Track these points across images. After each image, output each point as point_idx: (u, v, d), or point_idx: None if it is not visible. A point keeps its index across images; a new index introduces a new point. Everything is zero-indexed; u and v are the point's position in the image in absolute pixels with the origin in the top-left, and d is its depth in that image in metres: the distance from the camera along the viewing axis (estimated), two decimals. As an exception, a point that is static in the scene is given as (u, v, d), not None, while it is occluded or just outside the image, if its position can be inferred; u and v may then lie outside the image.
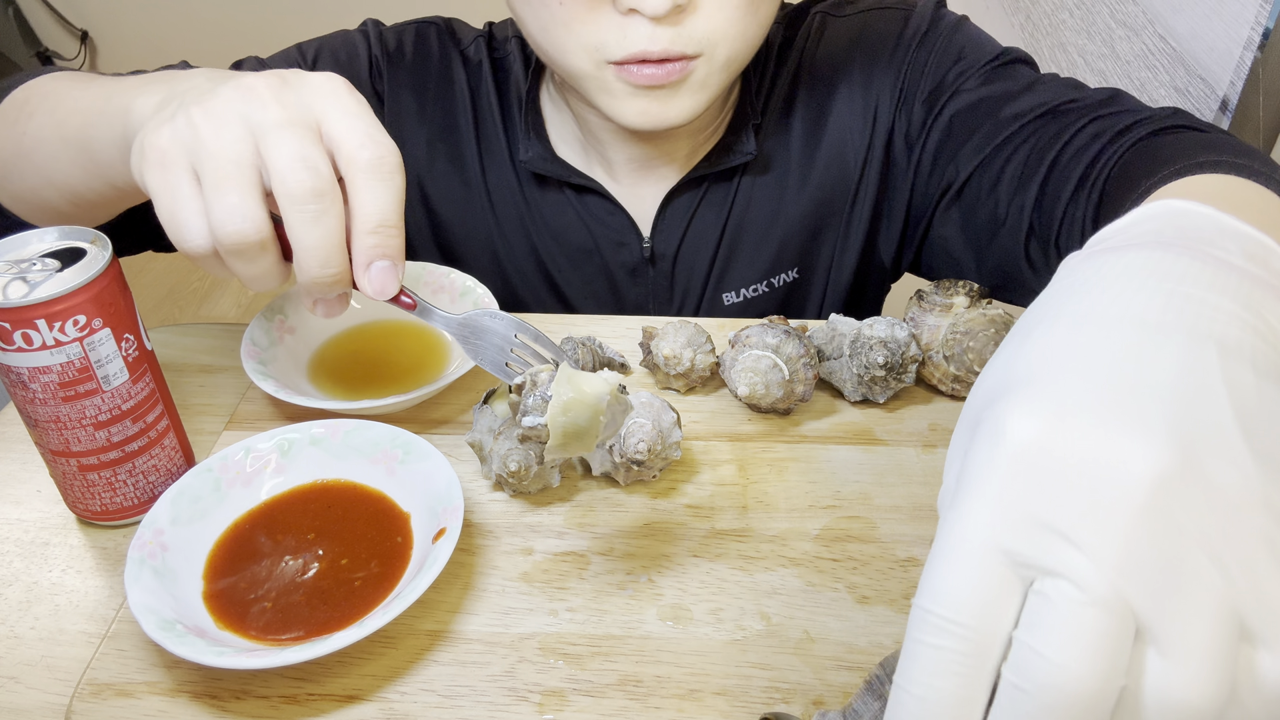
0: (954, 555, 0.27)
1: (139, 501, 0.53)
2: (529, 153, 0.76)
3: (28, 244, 0.50)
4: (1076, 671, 0.24)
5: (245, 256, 0.44)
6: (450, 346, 0.65)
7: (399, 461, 0.53)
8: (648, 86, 0.63)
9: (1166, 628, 0.25)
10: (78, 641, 0.48)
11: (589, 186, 0.76)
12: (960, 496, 0.27)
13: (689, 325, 0.61)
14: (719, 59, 0.63)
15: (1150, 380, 0.27)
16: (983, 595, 0.26)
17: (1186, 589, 0.25)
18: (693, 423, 0.60)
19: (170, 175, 0.43)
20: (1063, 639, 0.25)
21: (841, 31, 0.78)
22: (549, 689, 0.45)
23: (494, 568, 0.51)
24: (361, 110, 0.46)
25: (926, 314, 0.60)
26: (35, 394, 0.48)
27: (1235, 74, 0.68)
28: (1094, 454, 0.26)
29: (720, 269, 0.79)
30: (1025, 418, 0.27)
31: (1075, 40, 1.02)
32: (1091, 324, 0.29)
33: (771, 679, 0.45)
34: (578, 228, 0.78)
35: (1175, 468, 0.25)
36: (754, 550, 0.52)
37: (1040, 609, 0.25)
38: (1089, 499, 0.25)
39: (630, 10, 0.60)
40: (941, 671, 0.26)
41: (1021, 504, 0.26)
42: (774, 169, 0.77)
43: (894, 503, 0.54)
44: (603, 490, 0.55)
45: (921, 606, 0.27)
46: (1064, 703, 0.25)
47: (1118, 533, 0.25)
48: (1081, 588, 0.25)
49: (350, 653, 0.46)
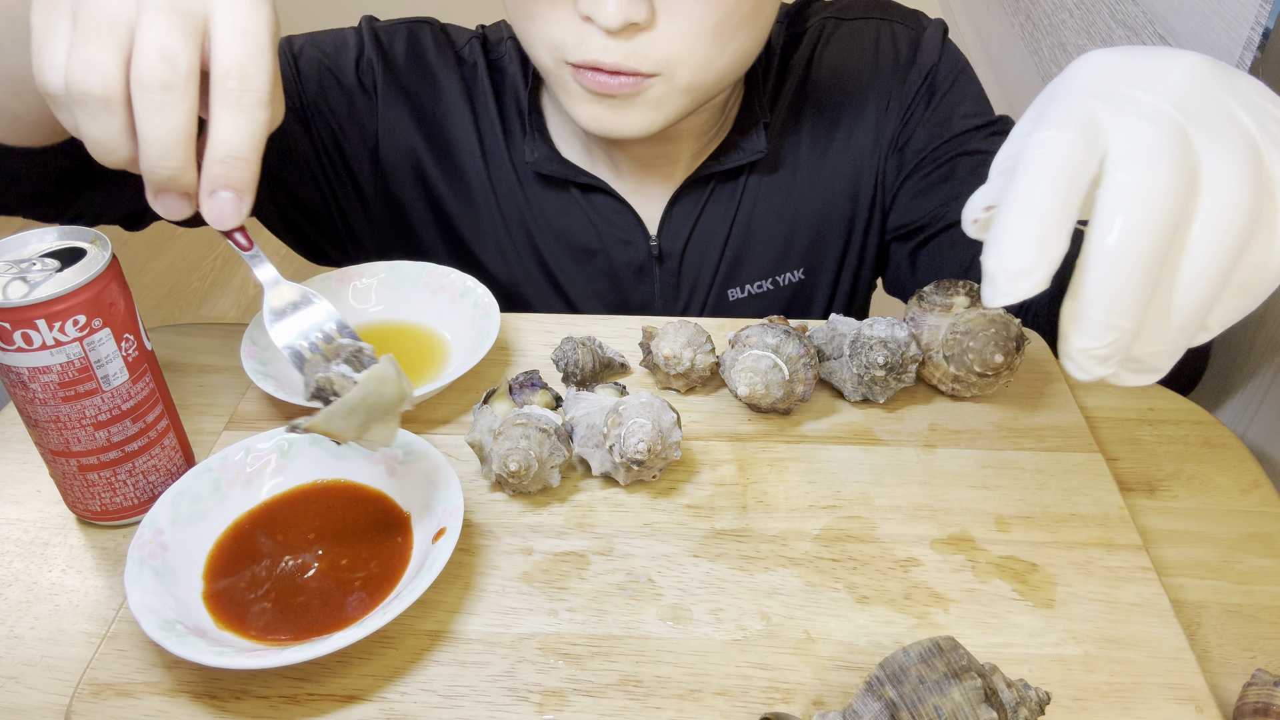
0: (1061, 101, 0.37)
1: (139, 502, 0.53)
2: (535, 154, 0.75)
3: (28, 244, 0.50)
4: (1155, 179, 0.34)
5: (89, 110, 0.43)
6: (450, 346, 0.65)
7: (399, 461, 0.53)
8: (599, 94, 0.63)
9: (1212, 148, 0.35)
10: (78, 641, 0.48)
11: (596, 185, 0.76)
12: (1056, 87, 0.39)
13: (689, 325, 0.61)
14: (679, 82, 0.63)
15: (1183, 55, 0.38)
16: (1082, 123, 0.35)
17: (1226, 124, 0.35)
18: (693, 423, 0.60)
19: (51, 14, 0.43)
20: (1144, 154, 0.34)
21: (851, 39, 0.78)
22: (549, 689, 0.45)
23: (494, 568, 0.51)
24: (253, 29, 0.44)
25: (926, 314, 0.60)
26: (35, 394, 0.48)
27: (1235, 74, 0.68)
28: (1153, 59, 0.38)
29: (728, 267, 0.79)
30: (1097, 54, 0.39)
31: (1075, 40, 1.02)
32: None
33: (771, 679, 0.45)
34: (583, 227, 0.78)
35: (1211, 64, 0.37)
36: (754, 550, 0.52)
37: (1122, 142, 0.35)
38: (1153, 73, 0.37)
39: (587, 18, 0.60)
40: (1050, 172, 0.35)
41: (1106, 75, 0.37)
42: (783, 167, 0.77)
43: (894, 503, 0.54)
44: (603, 490, 0.55)
45: (1037, 136, 0.35)
46: (1146, 200, 0.34)
47: (1176, 82, 0.36)
48: (1149, 118, 0.35)
49: (350, 653, 0.46)
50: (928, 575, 0.50)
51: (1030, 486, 0.55)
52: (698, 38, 0.61)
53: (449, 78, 0.78)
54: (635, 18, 0.58)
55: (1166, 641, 0.47)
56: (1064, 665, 0.46)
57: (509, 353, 0.66)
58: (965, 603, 0.49)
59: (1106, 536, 0.52)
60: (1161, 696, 0.45)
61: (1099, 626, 0.48)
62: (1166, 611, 0.48)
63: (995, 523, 0.53)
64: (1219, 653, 0.48)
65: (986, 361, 0.58)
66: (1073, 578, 0.50)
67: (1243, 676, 0.47)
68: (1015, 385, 0.63)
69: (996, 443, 0.58)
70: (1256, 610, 0.50)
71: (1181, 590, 0.51)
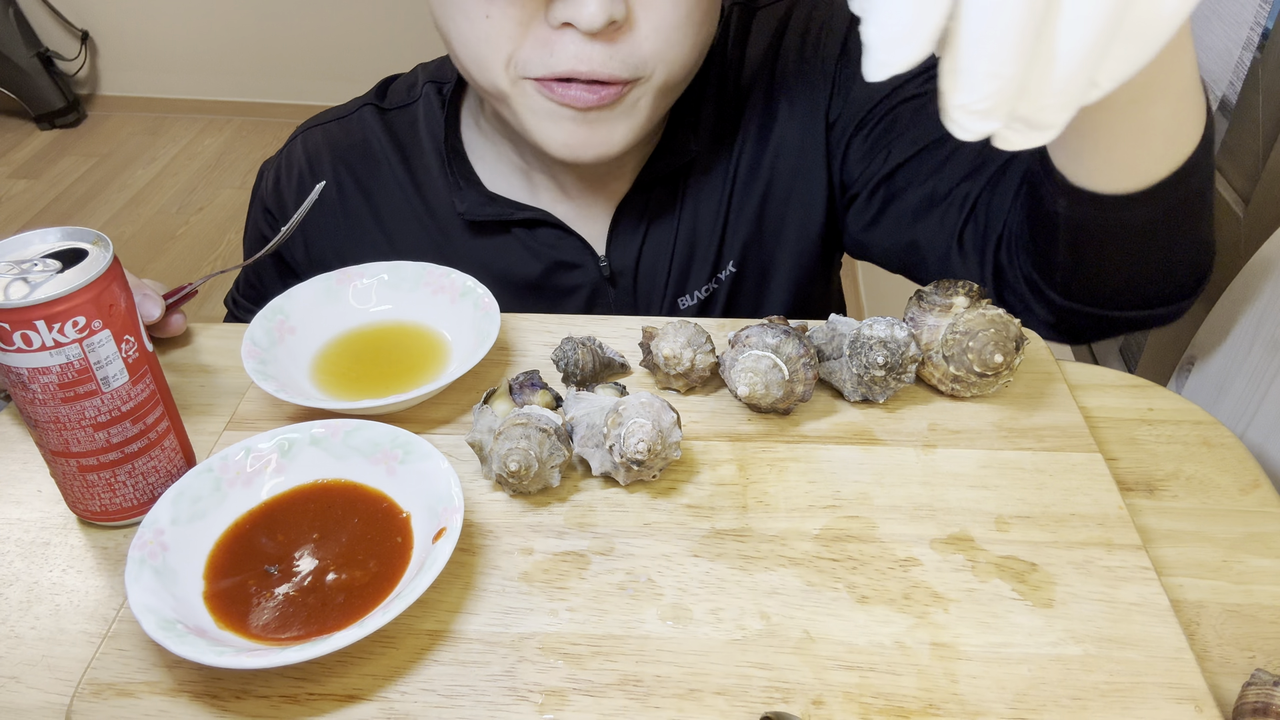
0: None
1: (139, 503, 0.53)
2: (464, 203, 0.74)
3: (29, 244, 0.50)
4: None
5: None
6: (450, 346, 0.65)
7: (399, 461, 0.53)
8: (575, 108, 0.60)
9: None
10: (78, 641, 0.48)
11: (538, 219, 0.74)
12: None
13: (689, 325, 0.61)
14: (655, 83, 0.61)
15: None
16: None
17: None
18: (693, 423, 0.60)
19: None
20: None
21: (765, 27, 0.76)
22: (549, 689, 0.45)
23: (494, 568, 0.51)
24: None
25: (926, 314, 0.60)
26: (35, 394, 0.48)
27: (1235, 74, 0.68)
28: None
29: (678, 275, 0.77)
30: None
31: (1075, 40, 1.01)
32: None
33: (771, 679, 0.45)
34: (525, 263, 0.76)
35: None
36: (754, 550, 0.52)
37: None
38: None
39: (564, 25, 0.57)
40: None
41: None
42: (719, 164, 0.75)
43: (894, 503, 0.54)
44: (603, 490, 0.55)
45: None
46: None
47: None
48: None
49: (350, 652, 0.46)
50: (927, 575, 0.50)
51: (1030, 486, 0.56)
52: (673, 29, 0.59)
53: (343, 172, 0.78)
54: (616, 15, 0.57)
55: (1166, 641, 0.47)
56: (1063, 665, 0.46)
57: (509, 353, 0.66)
58: (965, 602, 0.49)
59: (1106, 536, 0.52)
60: (1161, 696, 0.45)
61: (1098, 626, 0.48)
62: (1166, 611, 0.48)
63: (995, 522, 0.53)
64: (1218, 652, 0.48)
65: (986, 361, 0.58)
66: (1072, 577, 0.50)
67: (1242, 676, 0.47)
68: (1015, 385, 0.63)
69: (996, 443, 0.58)
70: (1256, 610, 0.50)
71: (1181, 590, 0.51)
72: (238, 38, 3.27)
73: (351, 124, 0.79)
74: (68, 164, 3.13)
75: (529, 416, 0.54)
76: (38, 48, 3.19)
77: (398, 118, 0.78)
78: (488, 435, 0.54)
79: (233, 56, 3.31)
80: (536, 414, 0.54)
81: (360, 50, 3.22)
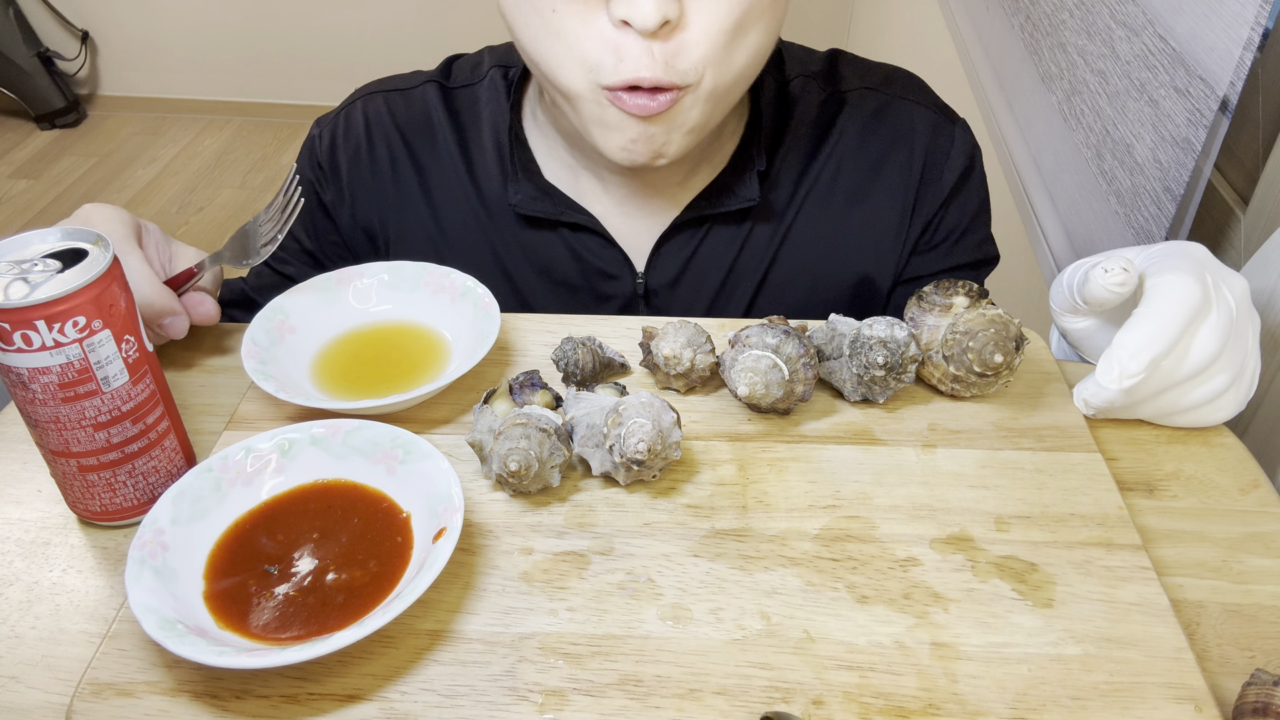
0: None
1: (139, 503, 0.53)
2: (518, 195, 0.74)
3: (30, 244, 0.50)
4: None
5: None
6: (450, 346, 0.65)
7: (399, 461, 0.53)
8: (640, 116, 0.61)
9: None
10: (78, 641, 0.49)
11: (585, 225, 0.74)
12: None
13: (689, 325, 0.61)
14: (704, 89, 0.62)
15: None
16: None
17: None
18: (693, 423, 0.60)
19: None
20: None
21: (873, 112, 0.77)
22: (549, 689, 0.45)
23: (494, 568, 0.51)
24: None
25: (926, 314, 0.60)
26: (35, 394, 0.48)
27: (1235, 74, 0.68)
28: None
29: (711, 307, 0.78)
30: None
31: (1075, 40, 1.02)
32: None
33: (771, 679, 0.45)
34: (567, 262, 0.76)
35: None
36: (754, 550, 0.52)
37: None
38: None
39: (622, 22, 0.58)
40: None
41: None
42: (779, 218, 0.76)
43: (893, 503, 0.55)
44: (603, 490, 0.55)
45: None
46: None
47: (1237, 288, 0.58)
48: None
49: (350, 652, 0.46)
50: (927, 575, 0.50)
51: (1030, 486, 0.56)
52: (723, 33, 0.60)
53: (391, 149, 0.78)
54: (670, 13, 0.57)
55: (1166, 641, 0.47)
56: (1063, 665, 0.46)
57: (509, 353, 0.66)
58: (964, 602, 0.49)
59: (1106, 536, 0.52)
60: (1161, 696, 0.45)
61: (1098, 626, 0.48)
62: (1166, 611, 0.48)
63: (995, 522, 0.53)
64: (1218, 652, 0.48)
65: (986, 361, 0.58)
66: (1072, 577, 0.50)
67: (1242, 676, 0.47)
68: (1015, 385, 0.63)
69: (996, 442, 0.58)
70: (1255, 610, 0.50)
71: (1181, 590, 0.51)
72: (238, 38, 3.27)
73: (414, 97, 0.79)
74: (68, 164, 3.13)
75: (529, 416, 0.54)
76: (38, 48, 3.19)
77: (461, 96, 0.79)
78: (488, 435, 0.54)
79: (233, 56, 3.31)
80: (536, 414, 0.54)
81: (360, 50, 3.22)
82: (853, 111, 0.77)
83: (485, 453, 0.54)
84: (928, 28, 1.96)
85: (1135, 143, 0.85)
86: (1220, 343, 0.56)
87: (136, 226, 0.63)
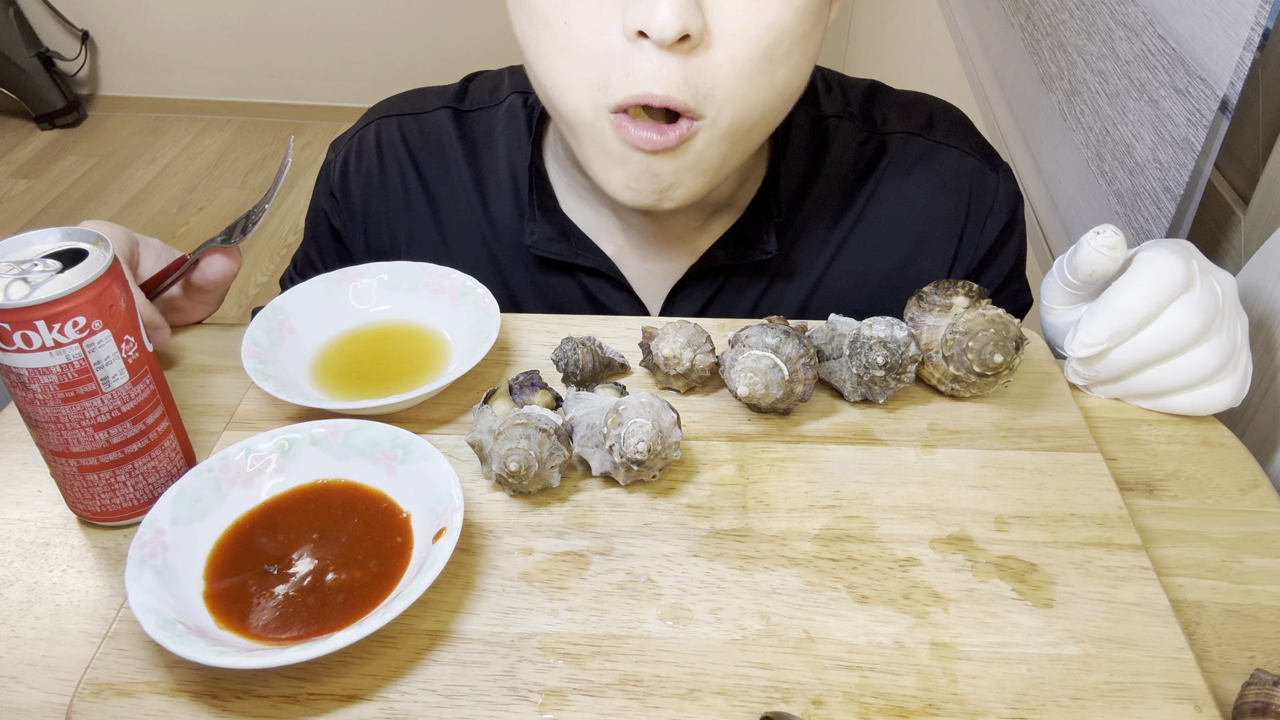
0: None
1: (139, 503, 0.53)
2: (534, 234, 0.72)
3: (30, 244, 0.50)
4: None
5: None
6: (450, 346, 0.65)
7: (399, 461, 0.53)
8: (643, 150, 0.57)
9: None
10: (78, 641, 0.49)
11: (599, 269, 0.72)
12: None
13: (689, 325, 0.61)
14: (721, 125, 0.57)
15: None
16: None
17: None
18: (693, 423, 0.60)
19: None
20: None
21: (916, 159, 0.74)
22: (549, 689, 0.45)
23: (494, 568, 0.51)
24: None
25: (926, 314, 0.60)
26: (35, 395, 0.48)
27: (1235, 74, 0.68)
28: None
29: None
30: None
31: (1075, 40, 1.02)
32: None
33: (771, 679, 0.45)
34: (578, 302, 0.75)
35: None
36: (754, 550, 0.52)
37: None
38: None
39: (638, 34, 0.54)
40: None
41: None
42: (804, 274, 0.74)
43: (893, 503, 0.55)
44: (603, 490, 0.55)
45: None
46: None
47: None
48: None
49: (350, 652, 0.46)
50: (927, 575, 0.50)
51: (1029, 486, 0.56)
52: (748, 62, 0.56)
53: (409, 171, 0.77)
54: (691, 27, 0.53)
55: (1165, 641, 0.47)
56: (1063, 665, 0.46)
57: (509, 353, 0.66)
58: (964, 602, 0.49)
59: (1105, 536, 0.52)
60: (1160, 696, 0.45)
61: (1098, 626, 0.48)
62: (1165, 611, 0.48)
63: (994, 522, 0.53)
64: (1218, 652, 0.48)
65: (986, 361, 0.58)
66: (1072, 577, 0.50)
67: (1241, 676, 0.47)
68: (1015, 385, 0.63)
69: (996, 443, 0.59)
70: (1255, 610, 0.50)
71: (1180, 590, 0.51)
72: (238, 38, 3.27)
73: (427, 122, 0.77)
74: (68, 164, 3.13)
75: (529, 416, 0.54)
76: (38, 48, 3.19)
77: (476, 120, 0.76)
78: (488, 435, 0.54)
79: (233, 56, 3.31)
80: (536, 414, 0.54)
81: (360, 50, 3.22)
82: (894, 158, 0.74)
83: (485, 453, 0.54)
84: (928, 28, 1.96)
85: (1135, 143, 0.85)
86: (1202, 319, 0.57)
87: (131, 244, 0.63)
